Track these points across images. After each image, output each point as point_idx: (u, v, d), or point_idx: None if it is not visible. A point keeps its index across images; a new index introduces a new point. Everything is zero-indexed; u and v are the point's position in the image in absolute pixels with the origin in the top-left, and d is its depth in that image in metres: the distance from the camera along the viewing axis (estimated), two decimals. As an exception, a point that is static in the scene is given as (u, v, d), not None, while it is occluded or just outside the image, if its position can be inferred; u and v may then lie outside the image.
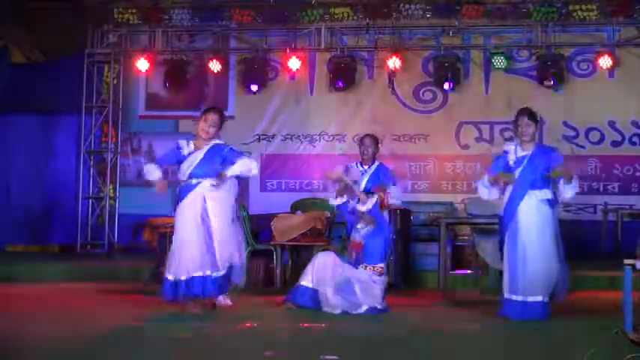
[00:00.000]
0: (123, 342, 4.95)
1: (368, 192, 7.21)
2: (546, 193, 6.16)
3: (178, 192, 6.31)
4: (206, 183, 6.20)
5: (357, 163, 7.67)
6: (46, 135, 12.59)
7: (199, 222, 6.12)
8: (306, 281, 6.40)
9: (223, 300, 6.39)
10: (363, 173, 7.52)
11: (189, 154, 6.29)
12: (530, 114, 6.32)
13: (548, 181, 6.18)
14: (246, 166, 6.31)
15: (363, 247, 6.47)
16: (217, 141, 6.36)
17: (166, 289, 6.09)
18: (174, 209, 6.30)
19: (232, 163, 6.25)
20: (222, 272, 6.14)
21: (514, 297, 6.05)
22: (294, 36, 11.88)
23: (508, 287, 6.09)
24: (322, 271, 6.33)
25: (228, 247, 6.19)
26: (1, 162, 12.33)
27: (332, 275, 6.30)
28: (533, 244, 6.06)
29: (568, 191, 6.15)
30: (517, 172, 6.21)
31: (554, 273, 6.06)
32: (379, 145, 7.60)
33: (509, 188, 6.23)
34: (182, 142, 6.40)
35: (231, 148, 6.39)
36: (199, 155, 6.27)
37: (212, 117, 6.34)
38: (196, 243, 6.08)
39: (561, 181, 6.14)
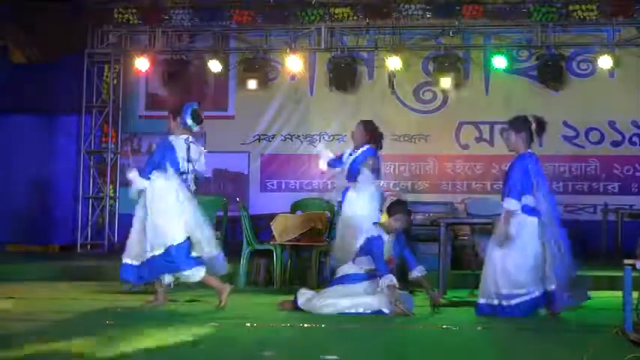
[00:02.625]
0: (123, 342, 4.95)
1: (355, 172, 7.53)
2: (510, 203, 6.03)
3: None
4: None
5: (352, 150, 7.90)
6: (46, 135, 12.59)
7: (143, 211, 6.45)
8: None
9: (167, 279, 6.44)
10: (350, 154, 7.77)
11: None
12: (510, 122, 6.26)
13: (526, 187, 6.03)
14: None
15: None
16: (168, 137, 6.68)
17: (127, 275, 6.54)
18: None
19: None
20: (150, 254, 6.29)
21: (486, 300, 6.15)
22: (294, 36, 11.88)
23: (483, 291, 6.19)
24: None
25: (159, 230, 6.32)
26: (1, 162, 12.33)
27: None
28: (500, 256, 6.09)
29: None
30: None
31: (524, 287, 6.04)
32: (370, 132, 7.68)
33: None
34: None
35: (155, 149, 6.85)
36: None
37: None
38: (138, 230, 6.46)
39: None
